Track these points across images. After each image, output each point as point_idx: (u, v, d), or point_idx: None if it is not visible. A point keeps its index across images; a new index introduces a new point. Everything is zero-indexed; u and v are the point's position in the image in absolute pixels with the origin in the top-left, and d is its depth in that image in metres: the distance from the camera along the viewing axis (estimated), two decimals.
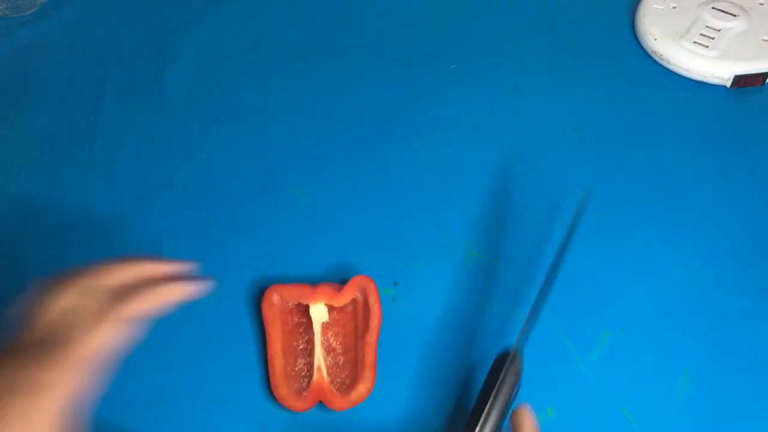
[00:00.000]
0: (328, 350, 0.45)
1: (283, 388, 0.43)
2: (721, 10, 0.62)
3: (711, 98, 0.59)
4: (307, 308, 0.46)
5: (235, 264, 0.50)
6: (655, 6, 0.64)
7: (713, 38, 0.60)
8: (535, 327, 0.40)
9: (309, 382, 0.44)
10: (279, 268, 0.50)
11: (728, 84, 0.59)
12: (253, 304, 0.48)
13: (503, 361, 0.37)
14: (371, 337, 0.44)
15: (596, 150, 0.56)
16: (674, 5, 0.64)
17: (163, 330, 0.41)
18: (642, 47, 0.63)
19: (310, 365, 0.45)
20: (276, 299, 0.46)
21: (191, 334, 0.47)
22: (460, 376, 0.45)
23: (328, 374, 0.44)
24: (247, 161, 0.57)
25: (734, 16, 0.61)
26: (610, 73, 0.62)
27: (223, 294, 0.46)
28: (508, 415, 0.36)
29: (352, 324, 0.46)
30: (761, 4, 0.63)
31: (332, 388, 0.44)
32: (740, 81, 0.58)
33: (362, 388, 0.43)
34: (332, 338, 0.46)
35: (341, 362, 0.45)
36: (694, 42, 0.60)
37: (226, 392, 0.45)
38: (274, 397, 0.43)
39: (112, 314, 0.36)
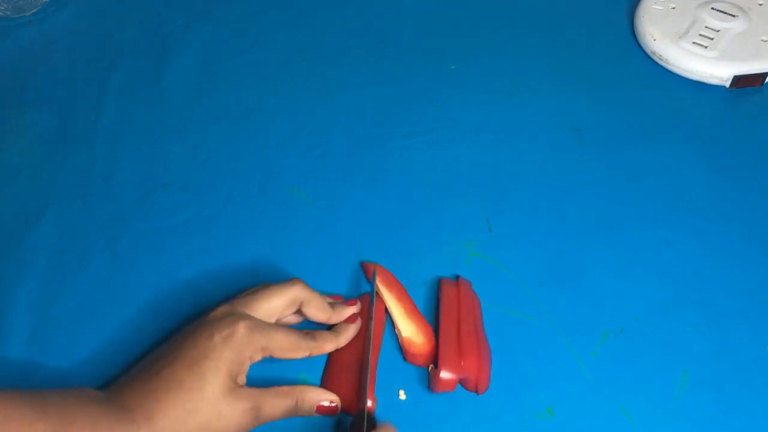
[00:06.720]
0: None
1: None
2: (720, 11, 0.62)
3: (710, 98, 0.59)
4: None
5: (235, 264, 0.50)
6: (654, 6, 0.64)
7: (712, 39, 0.60)
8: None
9: None
10: (279, 268, 0.50)
11: (727, 84, 0.59)
12: None
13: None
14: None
15: (596, 150, 0.56)
16: (673, 6, 0.64)
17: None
18: (641, 48, 0.63)
19: None
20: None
21: None
22: None
23: None
24: (247, 161, 0.57)
25: (733, 16, 0.61)
26: (610, 74, 0.62)
27: (224, 294, 0.46)
28: None
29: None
30: (760, 5, 0.63)
31: None
32: (739, 81, 0.59)
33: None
34: None
35: None
36: (694, 42, 0.60)
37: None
38: None
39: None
